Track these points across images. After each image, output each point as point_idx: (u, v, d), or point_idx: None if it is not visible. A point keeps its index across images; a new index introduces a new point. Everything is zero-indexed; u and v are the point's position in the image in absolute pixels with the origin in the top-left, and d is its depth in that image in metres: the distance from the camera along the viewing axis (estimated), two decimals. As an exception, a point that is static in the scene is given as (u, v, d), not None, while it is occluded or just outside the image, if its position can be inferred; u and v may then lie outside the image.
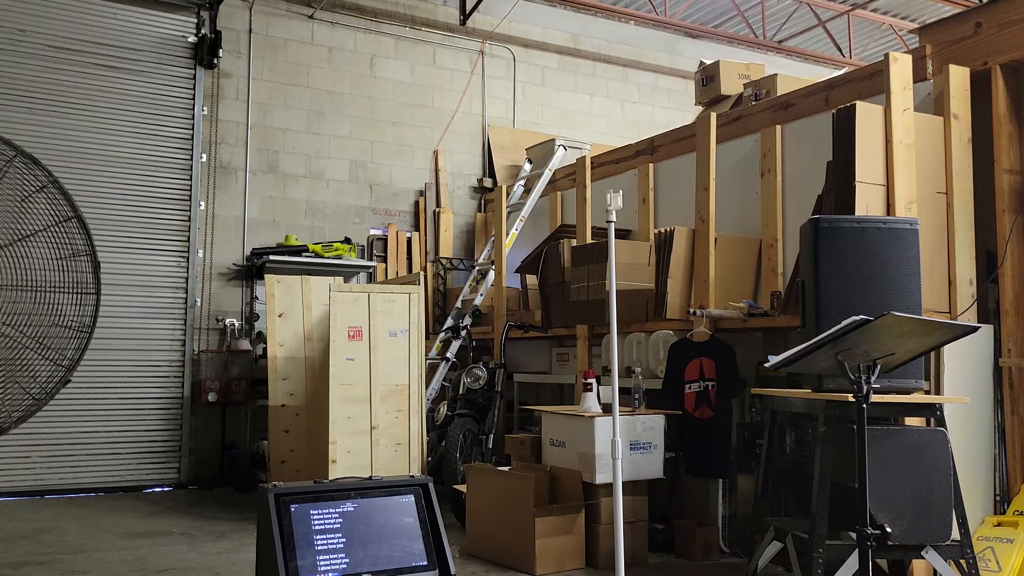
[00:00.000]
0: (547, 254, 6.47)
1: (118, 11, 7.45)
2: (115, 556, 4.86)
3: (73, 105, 7.23)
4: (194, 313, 7.54)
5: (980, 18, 4.55)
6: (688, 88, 9.06)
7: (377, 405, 5.53)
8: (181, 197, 7.59)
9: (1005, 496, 4.36)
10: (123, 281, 7.19)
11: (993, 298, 4.51)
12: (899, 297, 3.59)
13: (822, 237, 3.65)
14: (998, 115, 4.50)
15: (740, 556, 4.95)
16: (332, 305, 5.47)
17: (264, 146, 7.97)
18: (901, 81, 4.37)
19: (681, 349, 5.15)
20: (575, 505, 4.72)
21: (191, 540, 5.27)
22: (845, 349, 2.76)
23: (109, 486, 7.10)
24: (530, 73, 9.32)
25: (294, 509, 3.50)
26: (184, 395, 7.44)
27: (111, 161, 7.33)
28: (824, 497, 3.42)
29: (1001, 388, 4.41)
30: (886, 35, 10.42)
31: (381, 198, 8.47)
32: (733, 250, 5.45)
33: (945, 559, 3.48)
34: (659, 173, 6.42)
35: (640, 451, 4.81)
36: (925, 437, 3.55)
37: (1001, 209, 4.47)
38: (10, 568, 4.57)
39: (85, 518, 5.99)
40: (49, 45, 7.19)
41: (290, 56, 8.13)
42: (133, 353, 7.28)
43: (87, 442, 7.08)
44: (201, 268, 7.62)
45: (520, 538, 4.59)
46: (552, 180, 7.77)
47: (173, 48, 7.63)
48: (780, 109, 5.55)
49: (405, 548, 3.61)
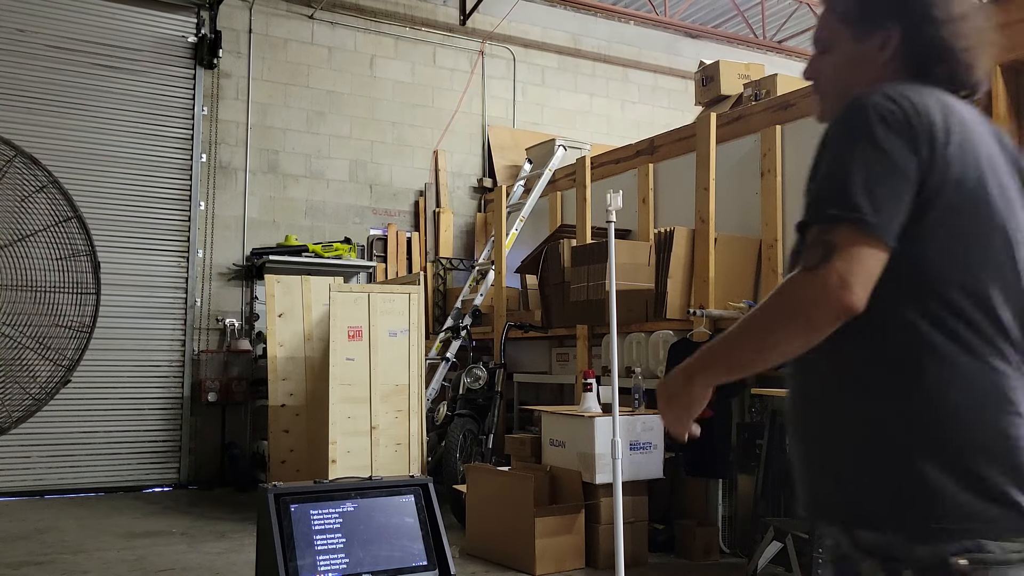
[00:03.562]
0: (547, 254, 6.47)
1: (118, 11, 7.45)
2: (115, 556, 4.86)
3: (73, 105, 7.23)
4: (194, 313, 7.54)
5: (980, 18, 4.55)
6: (688, 88, 9.06)
7: (377, 405, 5.53)
8: (181, 197, 7.59)
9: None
10: (123, 281, 7.18)
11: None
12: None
13: (822, 237, 3.64)
14: (998, 115, 4.50)
15: (740, 556, 4.94)
16: (332, 305, 5.47)
17: (264, 146, 7.97)
18: (901, 81, 4.36)
19: (681, 349, 5.15)
20: (575, 505, 4.72)
21: (191, 540, 5.27)
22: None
23: (109, 486, 7.10)
24: (530, 73, 9.32)
25: (294, 509, 3.50)
26: (184, 395, 7.44)
27: (111, 161, 7.33)
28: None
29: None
30: (886, 35, 10.42)
31: (381, 198, 8.47)
32: (733, 250, 5.45)
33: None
34: (659, 173, 6.42)
35: (640, 451, 4.81)
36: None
37: (1001, 209, 4.47)
38: (10, 568, 4.57)
39: (85, 518, 5.99)
40: (49, 45, 7.19)
41: (290, 56, 8.13)
42: (133, 353, 7.28)
43: (87, 442, 7.08)
44: (201, 268, 7.62)
45: (520, 538, 4.59)
46: (552, 180, 7.77)
47: (173, 48, 7.63)
48: (780, 109, 5.55)
49: (405, 548, 3.62)
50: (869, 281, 1.22)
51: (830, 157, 1.30)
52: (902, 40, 1.41)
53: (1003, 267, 1.30)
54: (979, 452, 1.27)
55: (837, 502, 1.35)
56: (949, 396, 1.27)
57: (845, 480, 1.34)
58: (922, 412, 1.28)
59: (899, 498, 1.28)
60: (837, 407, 1.35)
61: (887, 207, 1.23)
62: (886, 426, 1.29)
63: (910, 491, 1.27)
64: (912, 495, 1.27)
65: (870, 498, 1.30)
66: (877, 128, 1.26)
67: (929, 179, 1.26)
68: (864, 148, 1.25)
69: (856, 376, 1.33)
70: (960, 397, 1.27)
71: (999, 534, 1.25)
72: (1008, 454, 1.27)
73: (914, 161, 1.26)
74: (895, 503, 1.28)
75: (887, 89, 1.31)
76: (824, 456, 1.37)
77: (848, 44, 1.46)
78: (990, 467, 1.26)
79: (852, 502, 1.33)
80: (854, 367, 1.33)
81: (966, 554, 1.24)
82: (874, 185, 1.23)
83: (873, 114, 1.27)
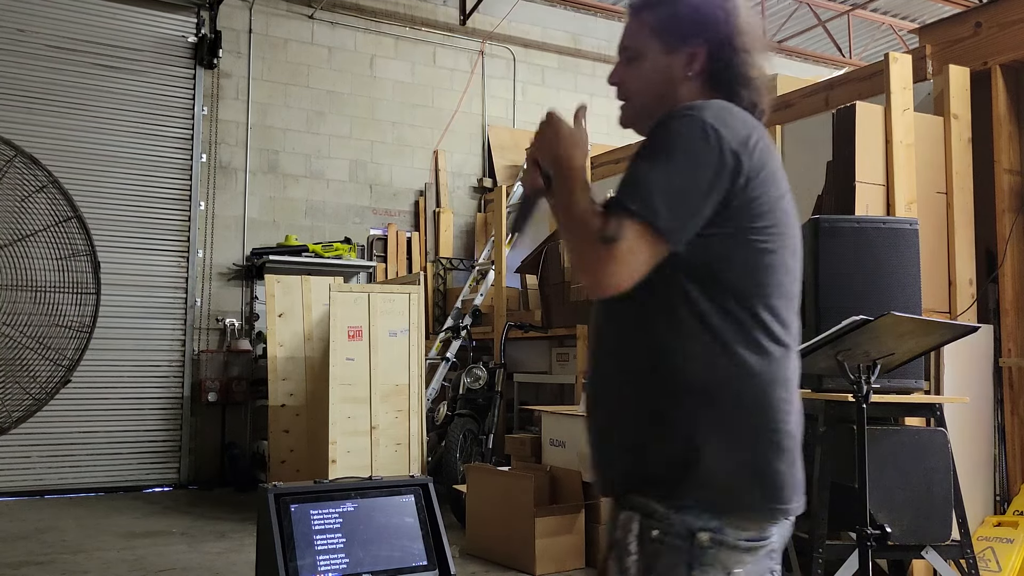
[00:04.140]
0: (547, 254, 6.47)
1: (118, 11, 7.44)
2: (115, 556, 4.86)
3: (73, 105, 7.22)
4: (194, 313, 7.53)
5: (980, 18, 4.55)
6: (688, 88, 9.04)
7: (377, 405, 5.53)
8: (181, 197, 7.58)
9: (1005, 496, 4.35)
10: (123, 281, 7.18)
11: (993, 298, 4.51)
12: (899, 297, 3.58)
13: (822, 237, 3.65)
14: (998, 115, 4.50)
15: (740, 556, 4.93)
16: (332, 305, 5.47)
17: (264, 146, 7.97)
18: (901, 81, 4.36)
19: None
20: (575, 505, 4.72)
21: (191, 540, 5.27)
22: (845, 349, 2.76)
23: (109, 486, 7.10)
24: (530, 73, 9.31)
25: (294, 509, 3.50)
26: (184, 395, 7.43)
27: (111, 161, 7.33)
28: (824, 497, 3.42)
29: (1001, 388, 4.41)
30: (886, 35, 10.42)
31: (381, 198, 8.47)
32: (733, 250, 5.44)
33: (945, 559, 3.47)
34: (659, 173, 6.40)
35: (640, 451, 4.80)
36: (925, 437, 3.55)
37: (1001, 209, 4.47)
38: (10, 568, 4.57)
39: (85, 518, 5.99)
40: (49, 45, 7.19)
41: (290, 56, 8.13)
42: (133, 353, 7.27)
43: (87, 442, 7.08)
44: (201, 268, 7.61)
45: (520, 538, 4.58)
46: (552, 180, 7.75)
47: (173, 48, 7.63)
48: (780, 109, 5.54)
49: (405, 548, 3.61)
50: (639, 272, 1.37)
51: (650, 154, 1.40)
52: (708, 59, 1.52)
53: (790, 272, 1.47)
54: (745, 435, 1.40)
55: (620, 470, 1.47)
56: (719, 376, 1.40)
57: (627, 448, 1.46)
58: (696, 390, 1.40)
59: (670, 469, 1.39)
60: (624, 378, 1.47)
61: (682, 216, 1.36)
62: (662, 401, 1.42)
63: (680, 464, 1.39)
64: (682, 468, 1.38)
65: (644, 466, 1.43)
66: (697, 142, 1.38)
67: (738, 194, 1.39)
68: (679, 158, 1.37)
69: (633, 351, 1.46)
70: (736, 381, 1.40)
71: (741, 521, 1.38)
72: (771, 440, 1.40)
73: (725, 179, 1.38)
74: (666, 473, 1.40)
75: (713, 107, 1.43)
76: (609, 426, 1.51)
77: (658, 56, 1.56)
78: (753, 450, 1.39)
79: (629, 471, 1.45)
80: (629, 345, 1.47)
81: (709, 532, 1.37)
82: (676, 194, 1.36)
83: (698, 129, 1.38)
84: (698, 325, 1.40)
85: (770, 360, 1.42)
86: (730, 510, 1.38)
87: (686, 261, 1.40)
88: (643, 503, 1.41)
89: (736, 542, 1.37)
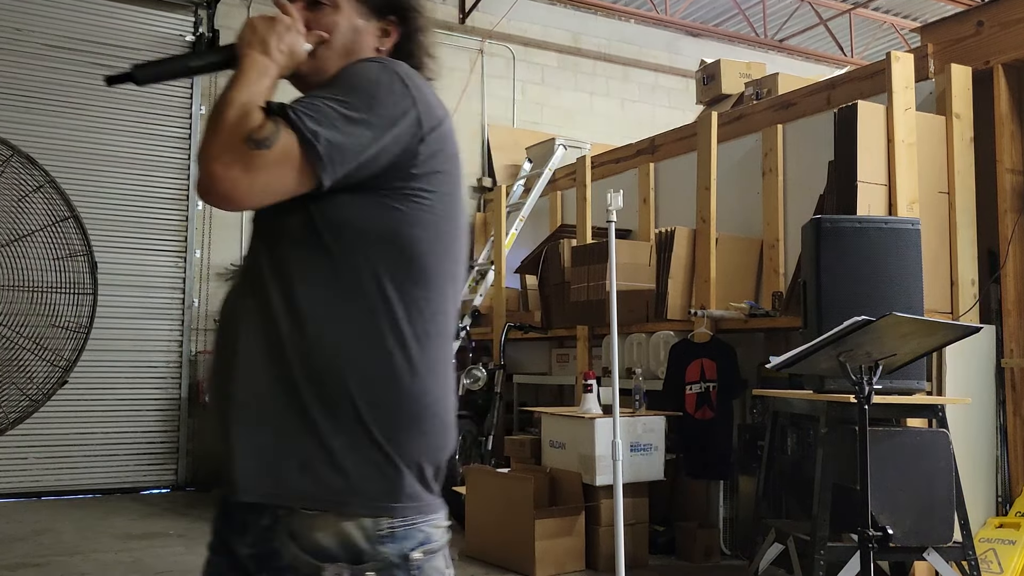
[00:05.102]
0: (547, 254, 6.45)
1: (115, 10, 7.41)
2: (112, 558, 4.84)
3: (70, 104, 7.19)
4: (192, 314, 7.51)
5: (982, 17, 4.53)
6: (689, 87, 9.02)
7: (376, 406, 5.50)
8: (179, 197, 7.55)
9: (1007, 497, 4.33)
10: (120, 281, 7.15)
11: (995, 298, 4.49)
12: (901, 297, 3.56)
13: (824, 237, 3.62)
14: (1000, 114, 4.47)
15: (741, 558, 4.92)
16: (330, 305, 5.43)
17: (263, 146, 7.93)
18: (903, 80, 4.34)
19: (682, 350, 5.13)
20: (575, 507, 4.69)
21: (188, 542, 5.24)
22: (847, 350, 2.73)
23: (106, 487, 7.07)
24: (530, 72, 9.28)
25: (291, 511, 3.47)
26: (182, 396, 7.40)
27: (108, 161, 7.30)
28: (826, 499, 3.40)
29: (1003, 389, 4.39)
30: (888, 34, 10.40)
31: (380, 198, 8.43)
32: (734, 250, 5.43)
33: (947, 561, 3.45)
34: (660, 173, 6.39)
35: (640, 452, 4.78)
36: (927, 438, 3.53)
37: (1003, 209, 4.44)
38: (7, 570, 4.55)
39: (82, 520, 5.96)
40: (46, 44, 7.16)
41: (289, 55, 8.09)
42: (130, 354, 7.24)
43: (84, 443, 7.05)
44: (199, 268, 7.58)
45: (520, 540, 4.56)
46: (552, 180, 7.74)
47: (171, 47, 7.59)
48: (781, 108, 5.52)
49: (403, 551, 3.59)
50: (271, 196, 1.26)
51: (340, 86, 1.32)
52: (400, 35, 1.53)
53: (458, 259, 1.41)
54: (423, 435, 1.31)
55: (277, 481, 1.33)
56: (397, 364, 1.30)
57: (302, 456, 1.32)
58: (372, 377, 1.29)
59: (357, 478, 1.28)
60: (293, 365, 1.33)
61: (342, 153, 1.25)
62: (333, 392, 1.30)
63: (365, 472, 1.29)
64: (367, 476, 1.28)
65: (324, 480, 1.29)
66: (384, 93, 1.31)
67: (419, 163, 1.34)
68: (365, 100, 1.29)
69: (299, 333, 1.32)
70: (421, 368, 1.31)
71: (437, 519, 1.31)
72: (436, 439, 1.33)
73: (404, 139, 1.31)
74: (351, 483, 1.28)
75: (406, 66, 1.40)
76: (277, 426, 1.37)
77: (354, 16, 1.49)
78: (427, 453, 1.31)
79: (294, 486, 1.30)
80: (295, 332, 1.32)
81: (420, 547, 1.28)
82: (347, 132, 1.26)
83: (393, 79, 1.34)
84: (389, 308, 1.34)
85: (440, 348, 1.38)
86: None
87: (377, 233, 1.33)
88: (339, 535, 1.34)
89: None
